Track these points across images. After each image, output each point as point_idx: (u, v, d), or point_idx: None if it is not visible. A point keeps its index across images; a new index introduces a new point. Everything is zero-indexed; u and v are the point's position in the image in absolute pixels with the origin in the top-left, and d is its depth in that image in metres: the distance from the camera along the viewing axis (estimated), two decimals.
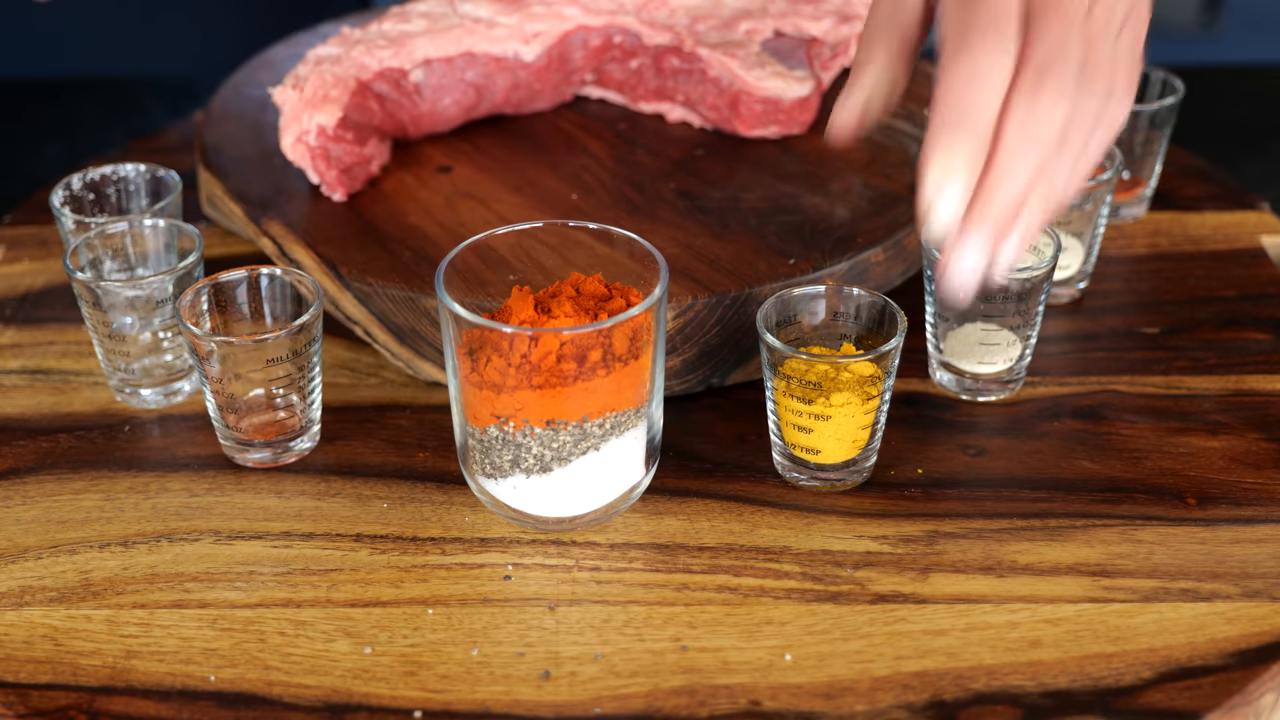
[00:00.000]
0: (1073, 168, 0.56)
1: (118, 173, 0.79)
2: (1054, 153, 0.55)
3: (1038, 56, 0.55)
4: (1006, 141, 0.54)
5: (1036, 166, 0.55)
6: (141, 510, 0.66)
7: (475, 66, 0.83)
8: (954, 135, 0.54)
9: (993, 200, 0.55)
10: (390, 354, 0.73)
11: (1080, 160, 0.57)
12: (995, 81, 0.54)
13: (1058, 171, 0.56)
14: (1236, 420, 0.70)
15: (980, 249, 0.55)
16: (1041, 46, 0.55)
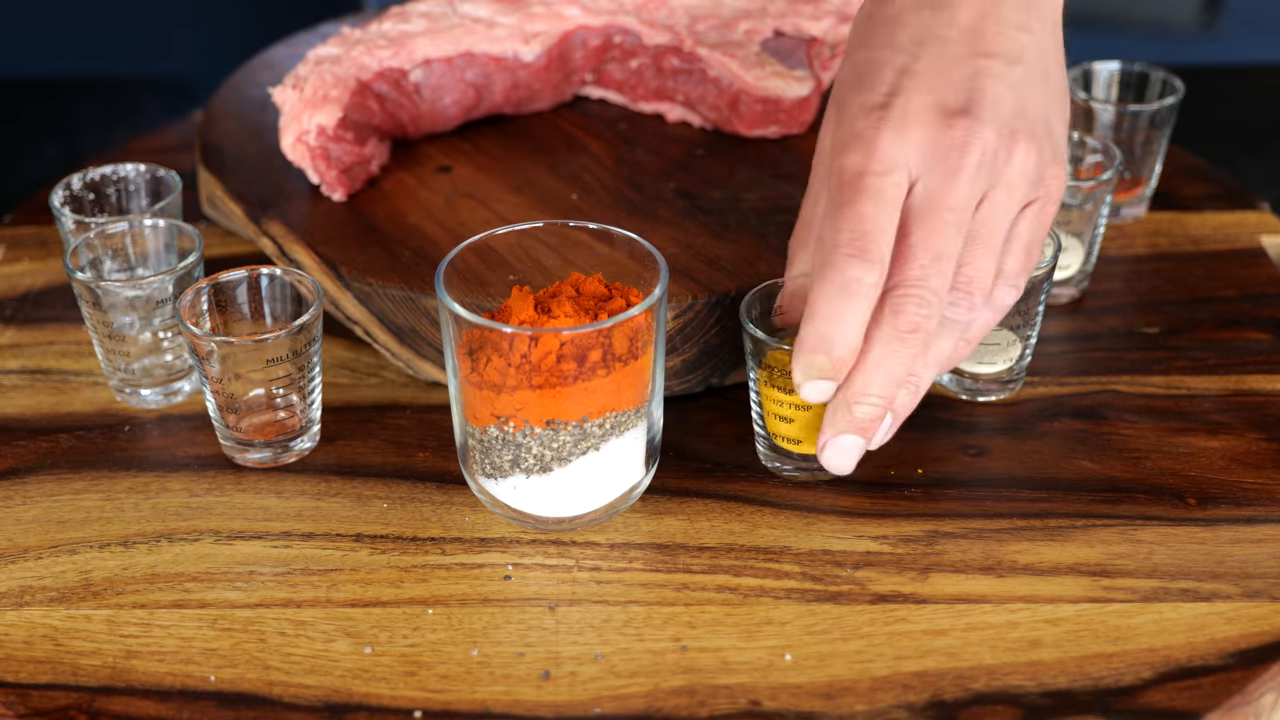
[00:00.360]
0: (941, 365, 0.61)
1: (118, 173, 0.79)
2: (918, 360, 0.59)
3: (903, 279, 0.58)
4: (871, 358, 0.58)
5: (898, 378, 0.59)
6: (141, 510, 0.66)
7: (475, 66, 0.83)
8: (813, 353, 0.58)
9: (854, 412, 0.59)
10: (390, 354, 0.73)
11: (950, 357, 0.61)
12: (857, 303, 0.57)
13: (925, 372, 0.60)
14: (1236, 420, 0.70)
15: (850, 448, 0.60)
16: (908, 269, 0.58)
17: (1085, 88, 0.87)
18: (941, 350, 0.60)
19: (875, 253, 0.57)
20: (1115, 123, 0.84)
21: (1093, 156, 0.79)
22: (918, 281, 0.57)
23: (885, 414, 0.60)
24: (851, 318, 0.57)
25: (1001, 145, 0.58)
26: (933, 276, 0.57)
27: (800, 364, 0.58)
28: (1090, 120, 0.84)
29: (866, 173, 0.57)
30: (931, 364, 0.60)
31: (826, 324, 0.57)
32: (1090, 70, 0.87)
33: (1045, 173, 0.60)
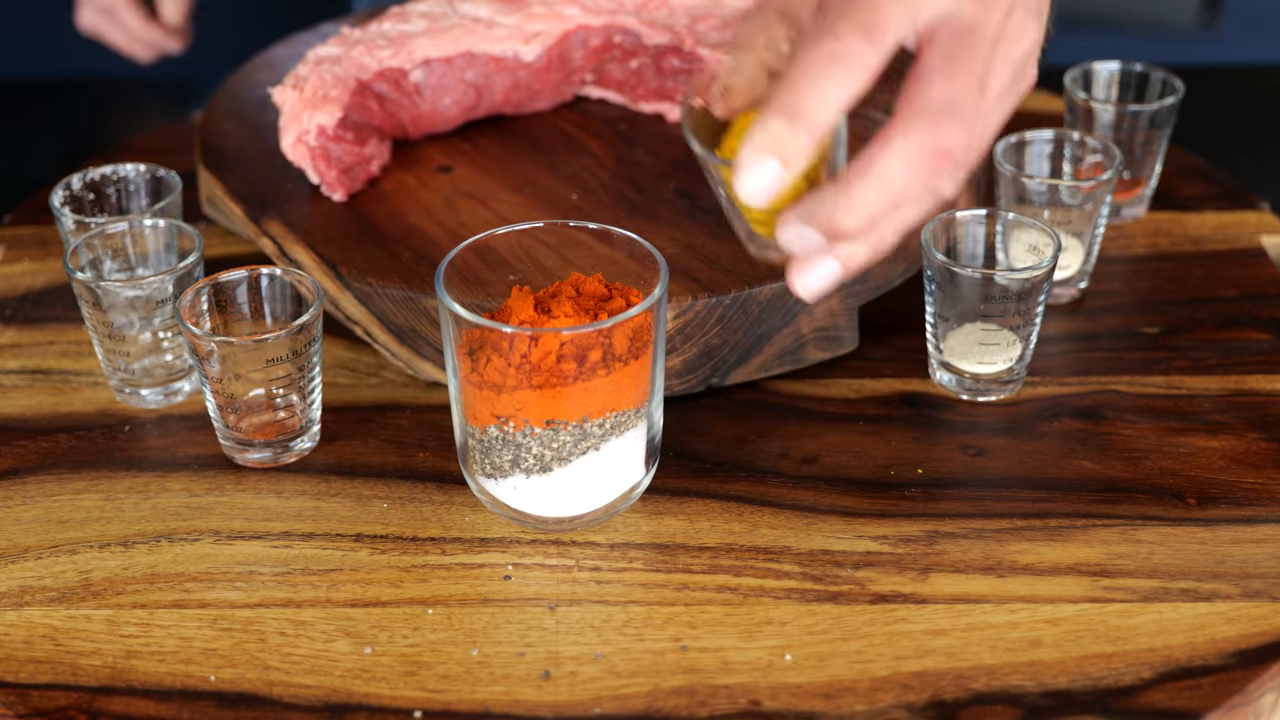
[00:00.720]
0: (925, 205, 0.54)
1: (118, 173, 0.79)
2: (927, 190, 0.53)
3: (949, 94, 0.52)
4: (887, 174, 0.52)
5: (901, 199, 0.52)
6: (141, 510, 0.66)
7: (475, 66, 0.83)
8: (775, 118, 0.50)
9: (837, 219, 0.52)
10: (390, 354, 0.73)
11: (935, 196, 0.54)
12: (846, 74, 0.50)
13: (918, 203, 0.54)
14: (1236, 420, 0.70)
15: (827, 274, 0.54)
16: (954, 84, 0.52)
17: (1085, 88, 0.87)
18: (935, 186, 0.54)
19: (883, 40, 0.50)
20: (1115, 123, 0.84)
21: (1093, 156, 0.79)
22: (961, 104, 0.51)
23: (865, 234, 0.53)
24: (834, 90, 0.50)
25: (1021, 12, 0.53)
26: (974, 102, 0.52)
27: (753, 135, 0.50)
28: (1090, 120, 0.84)
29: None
30: (923, 202, 0.53)
31: (804, 90, 0.49)
32: (1090, 70, 0.87)
33: (1030, 61, 0.56)
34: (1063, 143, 0.80)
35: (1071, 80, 0.86)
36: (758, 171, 0.50)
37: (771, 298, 0.70)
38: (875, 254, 0.54)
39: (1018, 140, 0.79)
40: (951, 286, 0.69)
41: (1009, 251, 0.73)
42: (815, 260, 0.54)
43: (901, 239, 0.55)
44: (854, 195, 0.51)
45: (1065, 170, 0.80)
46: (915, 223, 0.54)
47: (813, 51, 0.50)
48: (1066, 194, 0.75)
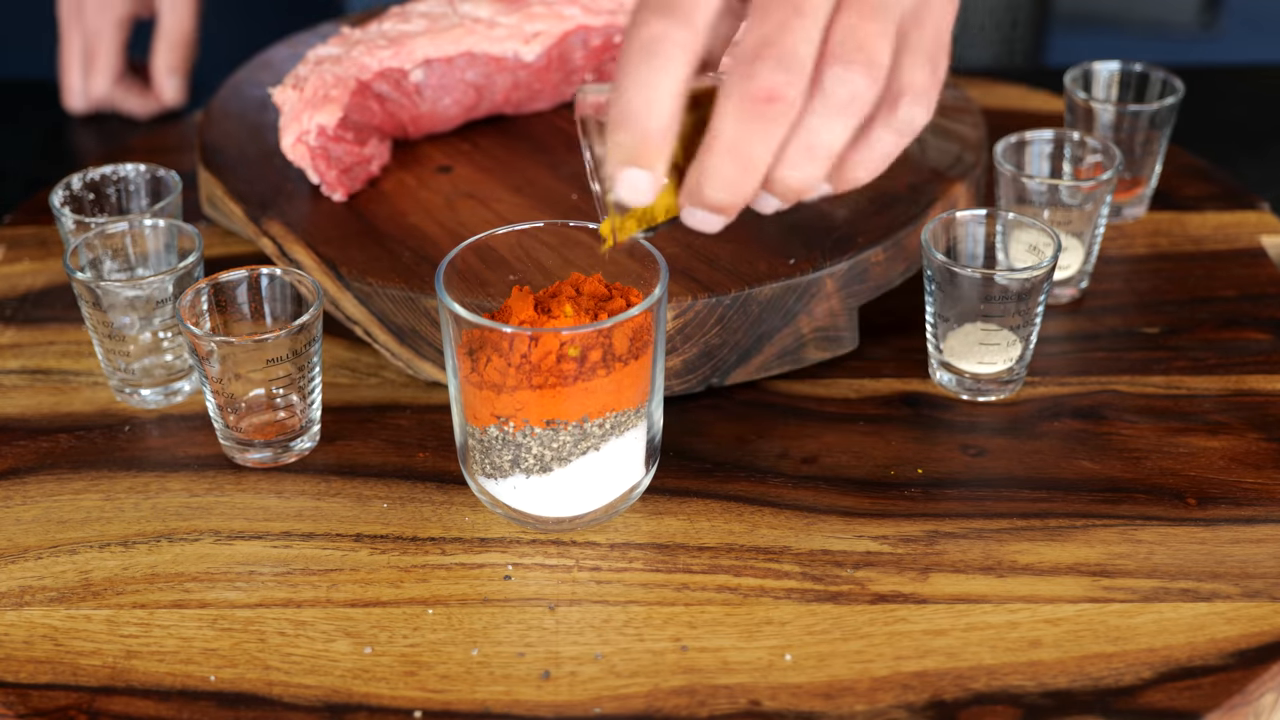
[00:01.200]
0: (827, 160, 0.52)
1: (118, 173, 0.79)
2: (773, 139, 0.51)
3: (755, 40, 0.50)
4: (720, 139, 0.50)
5: (756, 161, 0.51)
6: (141, 510, 0.66)
7: (475, 66, 0.83)
8: (616, 130, 0.50)
9: (704, 195, 0.52)
10: (390, 354, 0.73)
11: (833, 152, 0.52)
12: (660, 63, 0.49)
13: (807, 165, 0.52)
14: (1236, 420, 0.70)
15: (709, 220, 0.53)
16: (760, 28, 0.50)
17: (1085, 88, 0.87)
18: (828, 139, 0.51)
19: (689, 14, 0.49)
20: (1115, 123, 0.84)
21: (1093, 156, 0.79)
22: (773, 40, 0.49)
23: (746, 201, 0.52)
24: (655, 81, 0.49)
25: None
26: (794, 32, 0.49)
27: (610, 153, 0.50)
28: (1090, 120, 0.84)
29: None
30: (819, 156, 0.52)
31: (629, 94, 0.49)
32: (1090, 70, 0.87)
33: None
34: (1063, 143, 0.80)
35: (1071, 80, 0.86)
36: (629, 182, 0.51)
37: (771, 298, 0.70)
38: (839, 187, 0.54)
39: (1018, 140, 0.79)
40: (951, 286, 0.69)
41: (1009, 251, 0.73)
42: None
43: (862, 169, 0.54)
44: (707, 168, 0.51)
45: (1065, 170, 0.80)
46: (838, 145, 0.52)
47: (627, 48, 0.50)
48: (1066, 194, 0.75)
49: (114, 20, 1.05)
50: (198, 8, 1.07)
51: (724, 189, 0.51)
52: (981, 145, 0.82)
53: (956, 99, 0.87)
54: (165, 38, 1.06)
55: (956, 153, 0.81)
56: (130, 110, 1.06)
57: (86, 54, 1.05)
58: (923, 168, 0.80)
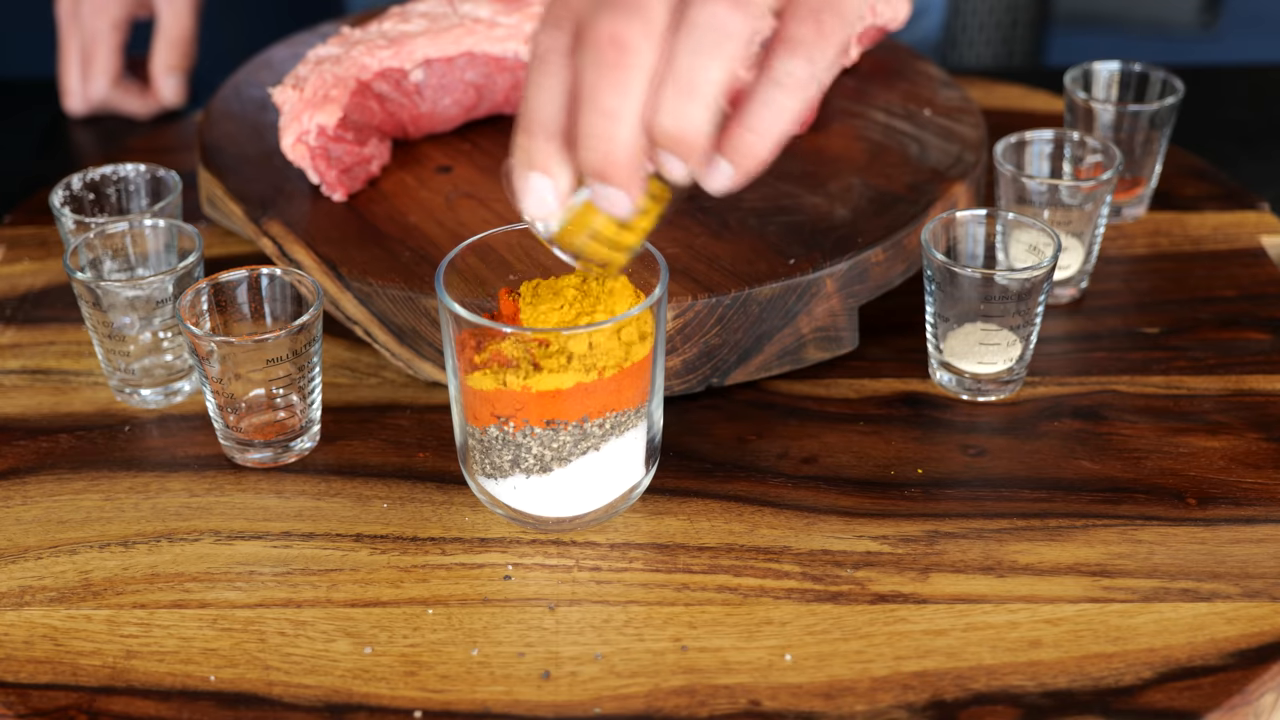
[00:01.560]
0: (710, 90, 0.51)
1: (118, 173, 0.79)
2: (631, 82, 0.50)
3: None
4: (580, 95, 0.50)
5: (612, 110, 0.50)
6: (141, 510, 0.66)
7: (475, 66, 0.83)
8: (519, 134, 0.52)
9: (581, 155, 0.51)
10: (390, 354, 0.73)
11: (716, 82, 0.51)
12: (547, 68, 0.51)
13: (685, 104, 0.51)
14: (1236, 420, 0.70)
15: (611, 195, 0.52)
16: None
17: (1085, 88, 0.87)
18: (698, 74, 0.50)
19: (558, 15, 0.51)
20: (1115, 123, 0.84)
21: (1093, 156, 0.79)
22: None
23: (621, 158, 0.51)
24: (545, 83, 0.51)
25: None
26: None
27: (514, 160, 0.52)
28: (1090, 120, 0.84)
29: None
30: (692, 94, 0.50)
31: (526, 101, 0.51)
32: (1090, 70, 0.87)
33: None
34: (1063, 143, 0.80)
35: (1071, 80, 0.86)
36: (531, 193, 0.52)
37: (771, 298, 0.70)
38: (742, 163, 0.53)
39: (1018, 140, 0.79)
40: (951, 286, 0.69)
41: (1009, 251, 0.73)
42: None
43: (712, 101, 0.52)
44: (578, 128, 0.51)
45: (1065, 170, 0.80)
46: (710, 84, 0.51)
47: (527, 68, 0.52)
48: (1066, 194, 0.75)
49: (111, 22, 1.05)
50: (197, 7, 1.07)
51: (595, 147, 0.50)
52: (981, 145, 0.82)
53: (956, 99, 0.87)
54: (164, 37, 1.06)
55: (956, 153, 0.81)
56: (129, 111, 1.06)
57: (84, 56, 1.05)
58: (923, 168, 0.80)
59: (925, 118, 0.85)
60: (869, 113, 0.87)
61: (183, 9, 1.06)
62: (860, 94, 0.89)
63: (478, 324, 0.58)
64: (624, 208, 0.53)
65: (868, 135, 0.84)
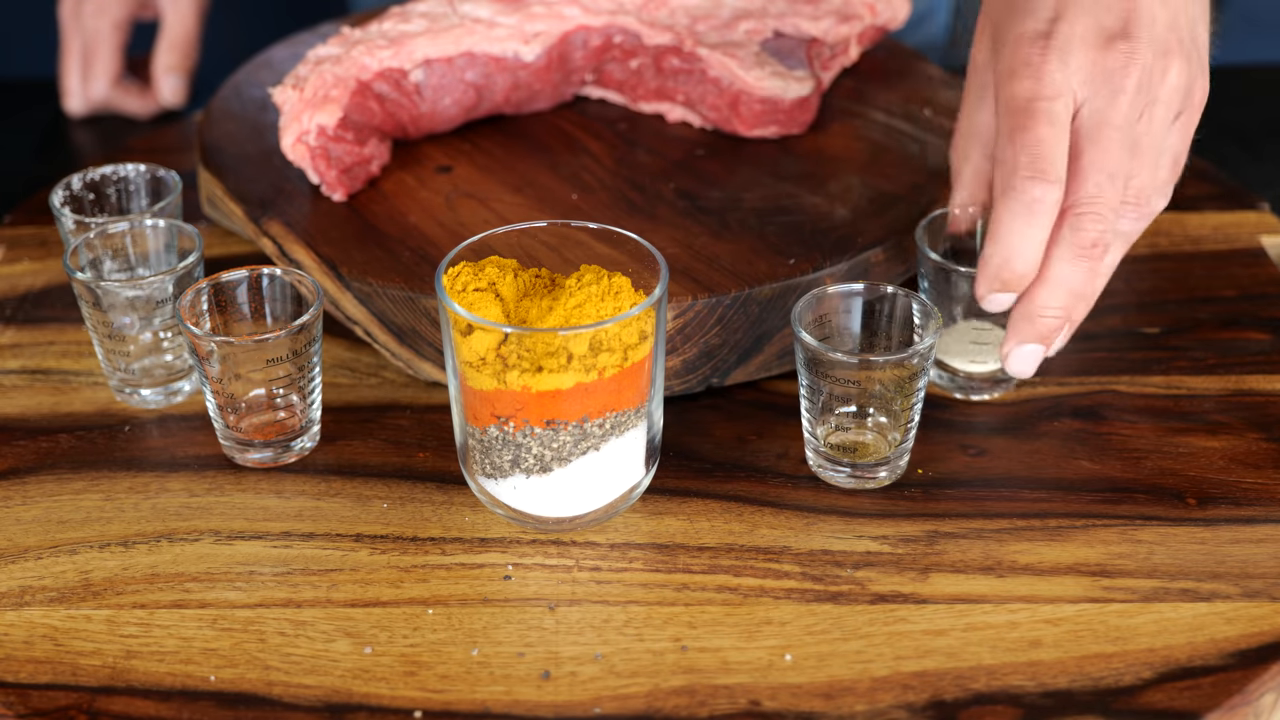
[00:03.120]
0: (1108, 275, 0.65)
1: (118, 173, 0.79)
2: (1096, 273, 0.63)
3: (1080, 198, 0.62)
4: (1054, 275, 0.63)
5: (1078, 292, 0.63)
6: (141, 510, 0.66)
7: (475, 66, 0.83)
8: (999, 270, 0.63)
9: (1036, 325, 0.63)
10: (390, 354, 0.73)
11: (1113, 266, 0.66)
12: (1038, 220, 0.61)
13: (1098, 281, 0.64)
14: (1236, 420, 0.70)
15: (1033, 354, 0.65)
16: (1084, 188, 0.62)
17: None
18: (1111, 261, 0.65)
19: (1053, 173, 0.61)
20: None
21: None
22: (1094, 199, 0.62)
23: (1065, 324, 0.64)
24: (1033, 235, 0.62)
25: (1157, 63, 0.63)
26: (1107, 193, 0.62)
27: (984, 280, 0.63)
28: None
29: (1038, 98, 0.62)
30: (1103, 274, 0.64)
31: (1009, 243, 0.62)
32: None
33: (1194, 84, 0.65)
34: None
35: None
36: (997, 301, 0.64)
37: (771, 298, 0.70)
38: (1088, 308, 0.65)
39: None
40: (945, 285, 0.69)
41: None
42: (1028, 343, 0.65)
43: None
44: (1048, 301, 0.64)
45: None
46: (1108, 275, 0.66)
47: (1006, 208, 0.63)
48: None
49: (112, 22, 1.05)
50: (202, 10, 1.07)
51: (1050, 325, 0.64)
52: None
53: (957, 99, 0.87)
54: (167, 37, 1.06)
55: None
56: (130, 111, 1.06)
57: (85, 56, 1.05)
58: (923, 168, 0.80)
59: (925, 118, 0.85)
60: (869, 113, 0.87)
61: (187, 11, 1.06)
62: (860, 94, 0.89)
63: (477, 323, 0.58)
64: (1030, 370, 0.65)
65: (868, 135, 0.84)
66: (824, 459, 0.66)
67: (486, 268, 0.61)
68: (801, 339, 0.63)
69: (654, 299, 0.59)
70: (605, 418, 0.60)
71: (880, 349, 0.66)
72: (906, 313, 0.66)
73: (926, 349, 0.63)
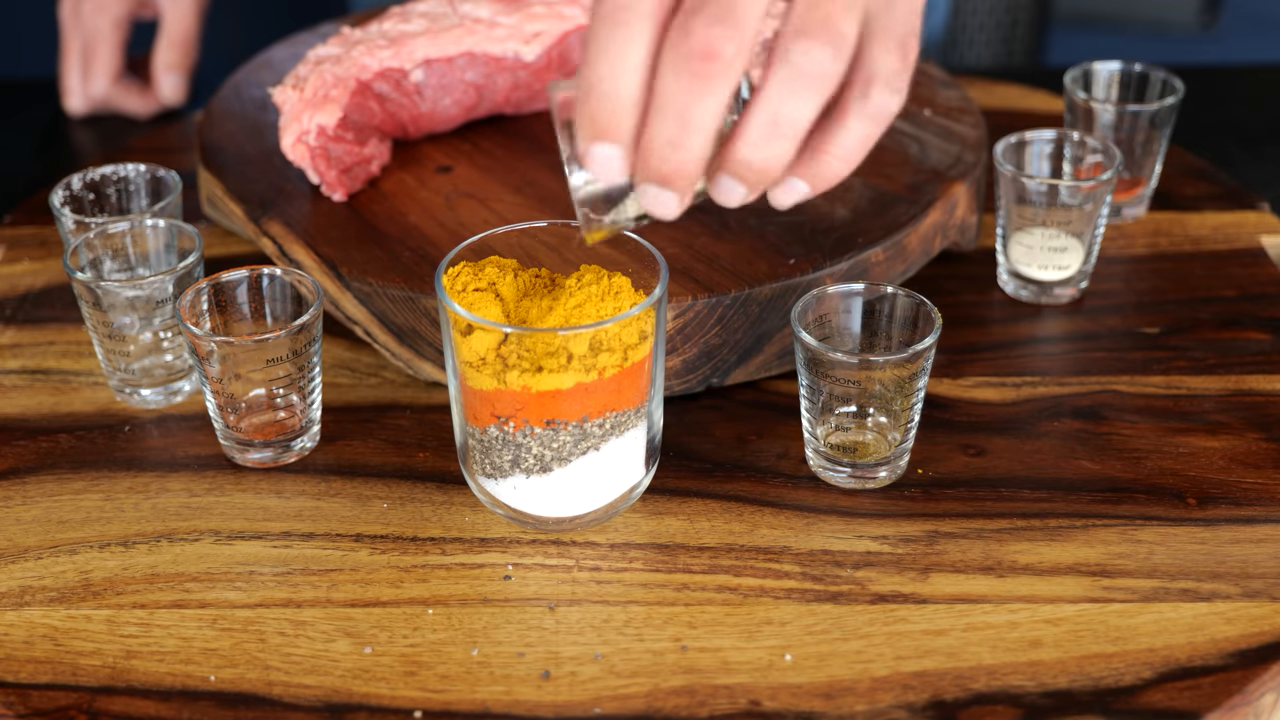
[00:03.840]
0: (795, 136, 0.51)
1: (118, 173, 0.79)
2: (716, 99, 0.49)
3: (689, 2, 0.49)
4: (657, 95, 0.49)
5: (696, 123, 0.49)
6: (141, 510, 0.66)
7: (475, 66, 0.83)
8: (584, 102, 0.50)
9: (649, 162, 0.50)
10: (390, 354, 0.73)
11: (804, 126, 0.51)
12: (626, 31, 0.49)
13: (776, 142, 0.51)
14: (1236, 420, 0.70)
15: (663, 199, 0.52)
16: None
17: (1085, 88, 0.87)
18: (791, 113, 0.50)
19: None
20: (1115, 123, 0.84)
21: (1093, 156, 0.79)
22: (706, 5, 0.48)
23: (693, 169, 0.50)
24: (621, 50, 0.48)
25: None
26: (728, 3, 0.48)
27: (578, 123, 0.50)
28: (1090, 120, 0.84)
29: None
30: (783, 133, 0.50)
31: (594, 65, 0.49)
32: (1090, 70, 0.87)
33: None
34: (1063, 143, 0.80)
35: (1071, 80, 0.86)
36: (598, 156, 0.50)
37: (771, 298, 0.70)
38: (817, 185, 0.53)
39: (1018, 140, 0.79)
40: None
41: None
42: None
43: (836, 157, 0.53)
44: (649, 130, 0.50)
45: (1065, 170, 0.80)
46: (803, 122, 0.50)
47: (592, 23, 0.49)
48: (1066, 194, 0.75)
49: (111, 20, 1.05)
50: (202, 8, 1.07)
51: (668, 156, 0.49)
52: (981, 145, 0.82)
53: (956, 99, 0.87)
54: (167, 36, 1.06)
55: (956, 153, 0.81)
56: (130, 110, 1.06)
57: (85, 54, 1.05)
58: (923, 168, 0.80)
59: (925, 118, 0.85)
60: None
61: (187, 9, 1.06)
62: None
63: (477, 324, 0.58)
64: (673, 212, 0.52)
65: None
66: (824, 459, 0.66)
67: (486, 268, 0.61)
68: (801, 339, 0.63)
69: (654, 299, 0.59)
70: (605, 418, 0.60)
71: (880, 349, 0.66)
72: (906, 313, 0.66)
73: (926, 349, 0.63)
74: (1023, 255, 0.78)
